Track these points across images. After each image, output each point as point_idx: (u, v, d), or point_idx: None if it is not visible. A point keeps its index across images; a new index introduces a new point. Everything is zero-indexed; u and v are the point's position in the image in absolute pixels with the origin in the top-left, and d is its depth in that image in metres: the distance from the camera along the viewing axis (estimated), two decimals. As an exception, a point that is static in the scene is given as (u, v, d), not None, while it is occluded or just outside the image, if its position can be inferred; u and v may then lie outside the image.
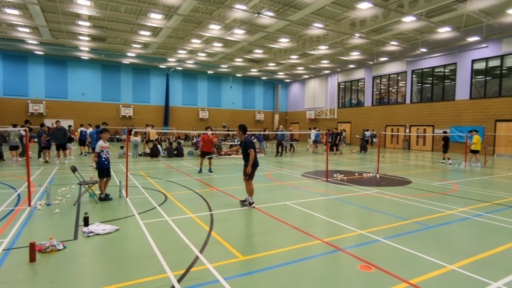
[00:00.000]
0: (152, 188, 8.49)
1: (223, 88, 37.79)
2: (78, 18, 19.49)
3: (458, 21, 18.36)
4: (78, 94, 30.07)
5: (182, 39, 24.21)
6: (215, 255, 4.09)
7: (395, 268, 3.75)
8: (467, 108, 22.05)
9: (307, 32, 21.31)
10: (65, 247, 4.24)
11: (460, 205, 6.98)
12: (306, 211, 6.40)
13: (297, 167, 13.69)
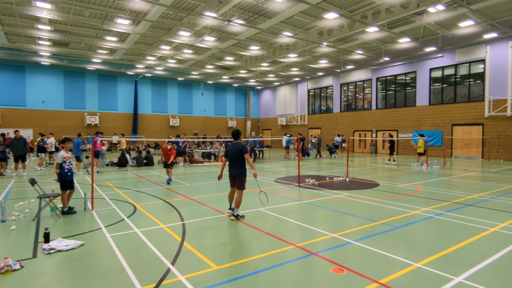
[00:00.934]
0: (120, 199, 8.14)
1: (194, 95, 37.38)
2: (37, 21, 18.46)
3: (416, 32, 19.62)
4: (38, 101, 28.30)
5: (151, 45, 23.72)
6: (187, 266, 3.98)
7: (366, 269, 3.86)
8: (427, 114, 23.48)
9: (277, 40, 21.73)
10: (22, 267, 3.92)
11: (424, 205, 7.36)
12: (280, 216, 6.43)
13: (270, 173, 13.77)
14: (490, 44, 19.92)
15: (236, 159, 6.26)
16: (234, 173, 6.28)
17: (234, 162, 6.27)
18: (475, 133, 20.87)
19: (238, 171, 6.25)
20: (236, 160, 6.26)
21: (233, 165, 6.29)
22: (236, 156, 6.27)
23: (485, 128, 20.31)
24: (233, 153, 6.29)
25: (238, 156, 6.24)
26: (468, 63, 21.26)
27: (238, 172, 6.24)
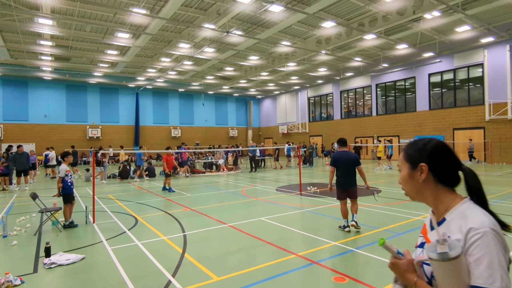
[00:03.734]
0: (121, 211, 8.13)
1: (195, 106, 37.61)
2: (39, 37, 18.79)
3: (413, 38, 19.79)
4: (40, 116, 28.56)
5: (151, 57, 24.01)
6: (188, 278, 3.96)
7: (368, 277, 3.82)
8: (427, 119, 23.48)
9: (276, 49, 21.95)
10: (23, 282, 3.91)
11: (426, 211, 7.27)
12: (281, 225, 6.40)
13: (271, 181, 13.74)
14: (488, 48, 20.04)
15: (351, 169, 5.89)
16: (352, 182, 5.89)
17: (350, 172, 5.87)
18: (477, 136, 20.80)
19: (354, 181, 5.95)
20: (352, 170, 5.89)
21: (349, 174, 5.85)
22: (351, 166, 5.90)
23: (487, 131, 20.25)
24: (348, 163, 5.87)
25: (353, 166, 5.92)
26: (466, 68, 21.35)
27: (354, 181, 5.94)
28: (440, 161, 1.16)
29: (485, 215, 1.06)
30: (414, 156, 1.21)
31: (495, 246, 0.99)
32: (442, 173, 1.16)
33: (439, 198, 1.17)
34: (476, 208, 1.10)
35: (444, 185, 1.17)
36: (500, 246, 1.00)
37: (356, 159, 5.97)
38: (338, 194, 6.03)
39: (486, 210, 1.10)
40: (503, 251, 0.99)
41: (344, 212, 5.96)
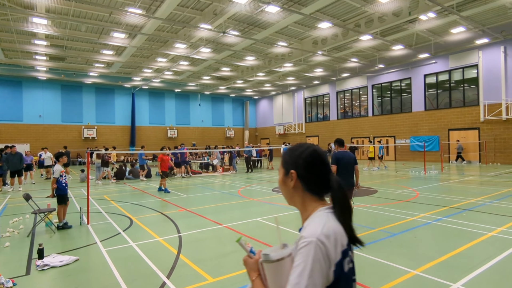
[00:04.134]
0: (116, 212, 8.07)
1: (192, 106, 37.52)
2: (34, 37, 18.63)
3: (409, 39, 19.90)
4: (35, 116, 28.30)
5: (148, 58, 23.91)
6: (183, 279, 3.93)
7: (363, 278, 3.81)
8: (423, 119, 23.61)
9: (272, 50, 21.96)
10: (15, 284, 3.86)
11: (421, 211, 7.33)
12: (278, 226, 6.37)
13: (268, 182, 13.73)
14: (482, 50, 20.21)
15: (351, 168, 5.93)
16: (351, 183, 5.93)
17: (349, 172, 5.88)
18: (472, 137, 20.96)
19: (353, 181, 5.96)
20: (350, 169, 5.91)
21: (348, 174, 5.88)
22: (351, 166, 5.93)
23: (481, 132, 20.42)
24: (348, 162, 5.90)
25: (352, 165, 5.95)
26: (461, 69, 21.51)
27: (353, 181, 5.96)
28: (308, 170, 1.19)
29: (322, 226, 1.07)
30: (288, 163, 1.24)
31: (314, 257, 1.00)
32: (309, 182, 1.18)
33: (305, 205, 1.20)
34: (322, 218, 1.10)
35: (311, 193, 1.19)
36: (320, 258, 1.00)
37: (355, 159, 6.05)
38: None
39: (344, 222, 1.11)
40: (322, 264, 1.00)
41: None
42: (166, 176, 11.60)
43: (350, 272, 1.10)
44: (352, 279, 1.13)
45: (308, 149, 1.23)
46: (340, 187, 1.14)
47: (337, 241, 1.06)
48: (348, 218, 1.13)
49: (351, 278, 1.12)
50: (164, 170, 11.56)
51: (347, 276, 1.08)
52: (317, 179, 1.18)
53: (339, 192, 1.14)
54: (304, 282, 0.98)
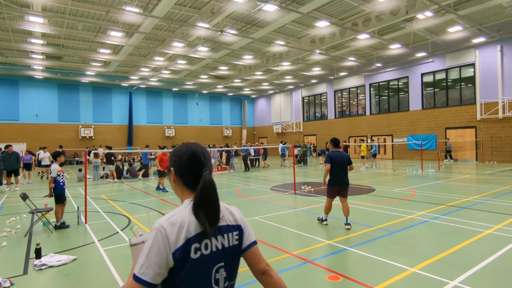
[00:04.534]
0: (114, 212, 8.05)
1: (189, 105, 37.44)
2: (30, 36, 18.50)
3: (406, 38, 19.96)
4: (31, 115, 28.13)
5: (145, 56, 23.83)
6: (181, 278, 3.92)
7: (362, 276, 3.83)
8: (420, 118, 23.71)
9: (270, 49, 21.95)
10: (12, 284, 3.84)
11: (419, 209, 7.37)
12: (276, 225, 6.39)
13: (266, 181, 13.74)
14: (479, 48, 20.30)
15: (345, 167, 6.08)
16: (346, 181, 6.08)
17: (344, 171, 6.06)
18: (468, 136, 21.07)
19: (347, 180, 6.14)
20: (345, 168, 6.08)
21: (343, 173, 6.06)
22: (345, 165, 6.07)
23: (478, 130, 20.53)
24: (343, 161, 6.04)
25: (346, 165, 6.09)
26: (458, 68, 21.61)
27: (348, 180, 6.13)
28: (182, 168, 1.35)
29: (172, 215, 1.23)
30: (170, 161, 1.42)
31: (153, 240, 1.16)
32: (184, 177, 1.35)
33: (182, 197, 1.37)
34: (180, 208, 1.28)
35: (187, 187, 1.35)
36: (159, 242, 1.16)
37: (349, 158, 6.17)
38: (330, 192, 6.21)
39: (198, 214, 1.23)
40: (160, 247, 1.15)
41: (328, 208, 6.25)
42: (163, 176, 11.59)
43: (204, 258, 1.22)
44: (212, 265, 1.25)
45: (187, 150, 1.37)
46: (205, 184, 1.26)
47: (182, 229, 1.19)
48: (203, 211, 1.23)
49: (207, 264, 1.23)
50: (162, 169, 11.55)
51: (199, 262, 1.20)
52: (191, 175, 1.33)
53: (201, 188, 1.25)
54: (142, 260, 1.15)
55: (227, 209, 1.40)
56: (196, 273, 1.20)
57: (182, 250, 1.17)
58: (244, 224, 1.40)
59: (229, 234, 1.33)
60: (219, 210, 1.30)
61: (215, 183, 1.30)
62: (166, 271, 1.17)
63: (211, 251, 1.25)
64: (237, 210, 1.44)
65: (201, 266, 1.22)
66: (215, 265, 1.26)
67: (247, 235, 1.41)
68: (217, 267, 1.26)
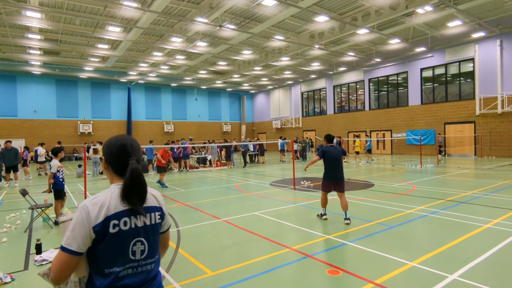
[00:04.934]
0: (114, 207, 8.04)
1: (188, 101, 37.33)
2: (27, 31, 18.35)
3: (406, 33, 19.87)
4: (29, 111, 28.01)
5: (143, 52, 23.68)
6: (182, 273, 3.94)
7: (361, 270, 3.86)
8: (419, 113, 23.71)
9: (269, 44, 21.84)
10: (13, 279, 3.85)
11: (418, 204, 7.40)
12: (275, 220, 6.42)
13: (265, 176, 13.76)
14: (479, 43, 20.25)
15: (340, 161, 6.12)
16: (340, 176, 6.12)
17: (339, 165, 6.11)
18: (467, 131, 21.11)
19: (342, 174, 6.18)
20: (339, 162, 6.12)
21: (337, 167, 6.10)
22: (339, 159, 6.12)
23: (477, 125, 20.56)
24: (337, 156, 6.09)
25: (340, 158, 6.13)
26: (458, 62, 21.56)
27: (342, 175, 6.17)
28: (110, 157, 1.57)
29: (96, 196, 1.47)
30: (102, 150, 1.66)
31: (78, 216, 1.40)
32: (112, 165, 1.57)
33: (111, 182, 1.58)
34: (105, 191, 1.50)
35: (116, 174, 1.56)
36: (82, 218, 1.39)
37: (343, 151, 6.37)
38: (324, 186, 6.29)
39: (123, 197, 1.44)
40: (84, 222, 1.38)
41: (323, 201, 6.31)
42: (164, 171, 11.57)
43: (122, 233, 1.44)
44: (130, 239, 1.46)
45: (117, 142, 1.58)
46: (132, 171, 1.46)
47: (103, 208, 1.42)
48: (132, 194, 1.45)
49: (124, 238, 1.45)
50: (160, 165, 11.51)
51: (116, 235, 1.43)
52: (119, 164, 1.55)
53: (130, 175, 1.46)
54: (68, 233, 1.38)
55: (150, 192, 1.60)
56: (113, 245, 1.43)
57: (102, 225, 1.40)
58: (164, 208, 1.64)
59: (151, 214, 1.55)
60: (146, 193, 1.52)
61: (141, 170, 1.51)
62: (90, 241, 1.40)
63: (130, 228, 1.46)
64: (160, 195, 1.67)
65: (119, 239, 1.44)
66: (132, 239, 1.48)
67: (167, 219, 1.66)
68: (134, 241, 1.48)
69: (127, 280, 1.45)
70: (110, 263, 1.43)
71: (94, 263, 1.44)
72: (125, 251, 1.46)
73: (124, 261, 1.45)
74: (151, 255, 1.54)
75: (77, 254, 1.38)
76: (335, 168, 6.12)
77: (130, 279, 1.46)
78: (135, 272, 1.48)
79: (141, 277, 1.50)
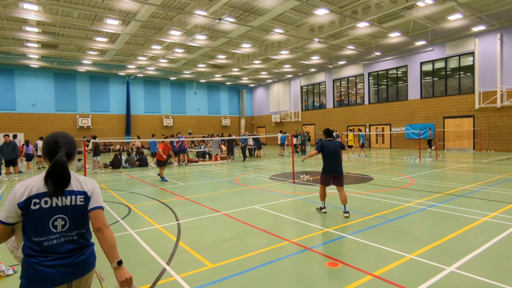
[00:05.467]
0: (114, 201, 8.09)
1: (187, 95, 37.20)
2: (25, 23, 18.18)
3: (406, 26, 19.76)
4: (28, 105, 27.89)
5: (142, 45, 23.52)
6: (183, 265, 3.99)
7: (360, 262, 3.90)
8: (418, 107, 23.71)
9: (268, 37, 21.70)
10: (15, 272, 3.89)
11: (416, 198, 7.45)
12: (275, 213, 6.46)
13: (265, 170, 13.80)
14: (479, 37, 20.16)
15: (339, 156, 6.20)
16: (339, 170, 6.19)
17: (337, 159, 6.20)
18: (466, 125, 21.14)
19: (341, 168, 6.26)
20: (338, 156, 6.18)
21: (336, 161, 6.19)
22: (338, 153, 6.17)
23: (476, 120, 20.59)
24: (335, 150, 6.16)
25: (339, 152, 6.19)
26: (457, 56, 21.50)
27: (341, 169, 6.26)
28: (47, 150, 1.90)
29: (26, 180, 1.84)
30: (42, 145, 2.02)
31: (9, 196, 1.79)
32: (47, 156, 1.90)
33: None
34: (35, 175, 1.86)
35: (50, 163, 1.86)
36: (12, 197, 1.78)
37: (342, 145, 6.47)
38: (323, 180, 6.36)
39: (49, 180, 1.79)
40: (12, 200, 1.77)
41: (322, 194, 6.35)
42: (163, 165, 11.56)
43: (42, 210, 1.79)
44: (50, 215, 1.81)
45: (52, 138, 1.92)
46: (56, 161, 1.80)
47: (27, 189, 1.79)
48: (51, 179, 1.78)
49: (44, 214, 1.80)
50: (160, 159, 11.49)
51: (37, 212, 1.78)
52: (50, 155, 1.88)
53: (53, 164, 1.79)
54: (3, 208, 1.79)
55: (77, 179, 1.94)
56: (36, 219, 1.79)
57: (25, 203, 1.76)
58: (91, 192, 1.95)
59: (73, 196, 1.87)
60: (66, 179, 1.82)
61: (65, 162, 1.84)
62: (16, 215, 1.77)
63: (50, 206, 1.81)
64: (91, 182, 2.01)
65: (40, 214, 1.79)
66: (52, 216, 1.82)
67: (93, 201, 1.95)
68: (56, 217, 1.83)
69: (52, 248, 1.81)
70: (35, 233, 1.79)
71: (25, 233, 1.82)
72: (46, 224, 1.80)
73: (46, 232, 1.81)
74: (74, 228, 1.88)
75: (4, 224, 1.77)
76: (334, 162, 6.19)
77: (55, 247, 1.82)
78: (59, 242, 1.84)
79: (66, 246, 1.85)
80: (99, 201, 1.98)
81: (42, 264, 1.77)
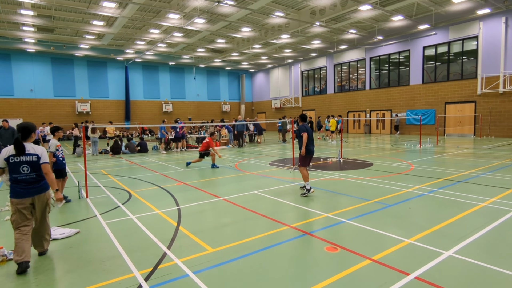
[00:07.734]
0: (115, 186, 8.12)
1: (187, 80, 36.84)
2: (20, 6, 17.77)
3: (409, 9, 19.33)
4: (26, 90, 27.67)
5: (140, 29, 23.09)
6: (183, 249, 4.02)
7: (359, 247, 3.94)
8: (420, 93, 23.51)
9: (268, 21, 21.27)
10: (18, 256, 3.93)
11: (416, 183, 7.47)
12: (274, 198, 6.49)
13: (265, 156, 13.82)
14: (483, 20, 19.75)
15: (299, 138, 6.97)
16: (314, 150, 7.01)
17: (313, 141, 6.95)
18: (468, 110, 21.02)
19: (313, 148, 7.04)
20: (299, 139, 6.93)
21: (313, 142, 6.99)
22: (298, 135, 7.05)
23: (478, 105, 20.45)
24: (311, 131, 6.93)
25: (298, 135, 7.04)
26: (461, 40, 21.13)
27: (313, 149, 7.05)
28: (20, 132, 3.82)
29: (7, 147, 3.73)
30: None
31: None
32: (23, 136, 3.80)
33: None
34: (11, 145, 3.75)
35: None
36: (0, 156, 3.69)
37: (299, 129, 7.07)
38: (306, 161, 6.88)
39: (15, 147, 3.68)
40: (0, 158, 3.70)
41: (306, 175, 6.74)
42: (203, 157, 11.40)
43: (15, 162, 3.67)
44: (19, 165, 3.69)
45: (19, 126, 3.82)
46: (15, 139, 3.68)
47: (7, 152, 3.68)
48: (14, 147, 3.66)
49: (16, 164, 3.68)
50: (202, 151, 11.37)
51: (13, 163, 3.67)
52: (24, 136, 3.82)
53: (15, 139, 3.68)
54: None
55: (33, 148, 3.78)
56: (12, 166, 3.67)
57: (6, 158, 3.65)
58: (40, 154, 3.78)
59: (30, 156, 3.72)
60: (22, 148, 3.66)
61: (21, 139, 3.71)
62: (4, 164, 3.69)
63: (19, 160, 3.67)
64: (41, 148, 3.85)
65: (14, 164, 3.66)
66: (21, 165, 3.68)
67: (42, 159, 3.77)
68: (22, 166, 3.68)
69: (22, 180, 3.69)
70: (13, 173, 3.67)
71: (9, 172, 3.68)
72: (17, 169, 3.68)
73: (18, 172, 3.68)
74: (33, 171, 3.73)
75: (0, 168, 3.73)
76: (313, 143, 6.95)
77: (24, 181, 3.70)
78: (25, 178, 3.70)
79: (30, 180, 3.73)
80: (45, 159, 3.80)
81: (18, 188, 3.67)
